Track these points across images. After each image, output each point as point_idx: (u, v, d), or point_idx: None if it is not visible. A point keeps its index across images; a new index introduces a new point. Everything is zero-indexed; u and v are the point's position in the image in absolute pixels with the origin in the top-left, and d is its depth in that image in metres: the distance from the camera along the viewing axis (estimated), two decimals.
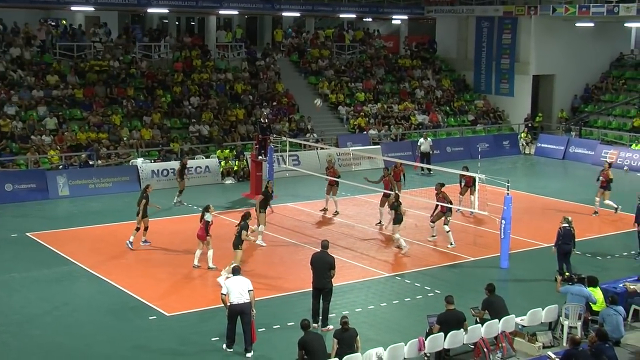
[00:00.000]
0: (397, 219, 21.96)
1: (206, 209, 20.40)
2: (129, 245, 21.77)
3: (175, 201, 27.19)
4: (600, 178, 26.16)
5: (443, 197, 22.50)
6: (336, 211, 26.21)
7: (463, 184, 26.19)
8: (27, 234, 23.36)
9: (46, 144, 30.47)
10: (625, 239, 23.24)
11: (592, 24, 41.84)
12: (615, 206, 25.99)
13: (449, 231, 22.38)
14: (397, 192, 23.18)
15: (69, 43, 36.63)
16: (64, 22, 41.52)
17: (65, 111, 32.76)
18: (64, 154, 30.20)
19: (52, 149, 30.33)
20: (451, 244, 22.31)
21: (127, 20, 44.92)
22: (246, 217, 19.33)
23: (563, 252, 19.61)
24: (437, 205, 22.90)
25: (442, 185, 22.91)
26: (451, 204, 22.63)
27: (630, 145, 37.50)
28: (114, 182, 29.52)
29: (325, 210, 26.47)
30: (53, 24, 40.57)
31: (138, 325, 16.52)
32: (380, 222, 24.58)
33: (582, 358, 13.23)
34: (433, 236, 23.03)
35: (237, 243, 18.79)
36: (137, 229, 22.02)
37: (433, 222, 22.94)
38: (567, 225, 19.72)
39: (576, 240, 20.02)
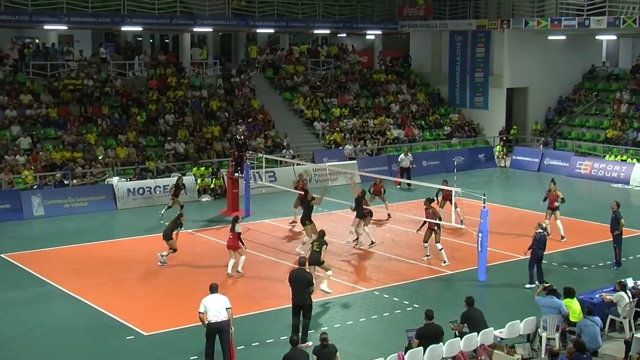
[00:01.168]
0: (359, 214, 22.35)
1: (235, 220, 21.17)
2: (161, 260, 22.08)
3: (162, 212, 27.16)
4: (547, 198, 24.79)
5: (433, 213, 22.08)
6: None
7: (441, 197, 26.19)
8: (2, 255, 23.11)
9: (20, 163, 30.21)
10: (600, 250, 23.38)
11: (564, 37, 42.29)
12: (563, 234, 24.55)
13: (441, 249, 22.13)
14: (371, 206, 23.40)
15: (42, 62, 36.45)
16: (37, 41, 41.33)
17: (39, 130, 32.54)
18: (39, 174, 29.97)
19: (26, 168, 30.08)
20: (445, 262, 22.05)
21: (101, 41, 44.75)
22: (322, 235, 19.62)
23: (537, 257, 19.92)
24: (424, 222, 22.54)
25: (432, 200, 22.72)
26: (440, 220, 22.28)
27: (604, 156, 37.84)
28: (90, 202, 29.33)
29: (294, 223, 26.53)
30: (28, 41, 40.36)
31: (115, 346, 16.37)
32: (357, 239, 24.40)
33: None
34: (427, 256, 22.59)
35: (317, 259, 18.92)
36: (174, 250, 22.20)
37: (425, 241, 22.43)
38: (541, 230, 20.06)
39: (554, 251, 20.17)
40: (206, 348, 15.01)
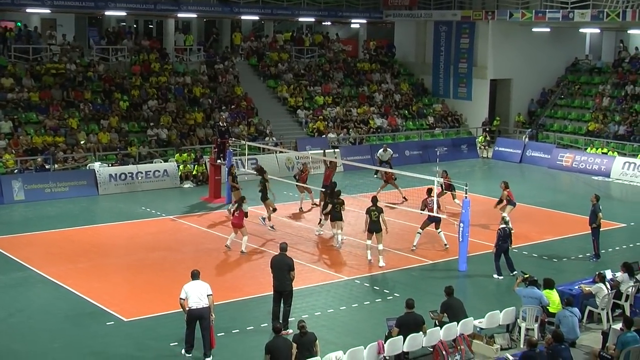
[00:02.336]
0: (334, 216, 22.43)
1: (242, 200, 22.22)
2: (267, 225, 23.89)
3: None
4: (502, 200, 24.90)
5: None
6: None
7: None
8: None
9: (1, 147, 30.00)
10: (580, 242, 23.54)
11: (548, 29, 42.43)
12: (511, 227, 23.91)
13: (440, 231, 22.51)
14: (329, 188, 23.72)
15: (25, 46, 36.14)
16: (19, 24, 40.95)
17: (21, 114, 32.30)
18: (20, 158, 29.77)
19: (7, 152, 29.88)
20: (446, 245, 22.50)
21: (84, 25, 44.37)
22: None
23: (501, 250, 20.23)
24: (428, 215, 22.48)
25: (431, 190, 22.54)
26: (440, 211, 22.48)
27: (586, 149, 38.07)
28: (71, 187, 29.18)
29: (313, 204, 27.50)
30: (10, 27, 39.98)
31: (95, 331, 16.34)
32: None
33: (539, 359, 13.39)
34: (414, 247, 22.65)
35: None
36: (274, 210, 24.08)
37: (422, 229, 22.56)
38: (504, 225, 20.25)
39: (534, 242, 20.27)
40: (186, 334, 15.01)
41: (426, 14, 43.99)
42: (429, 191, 22.53)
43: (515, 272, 19.73)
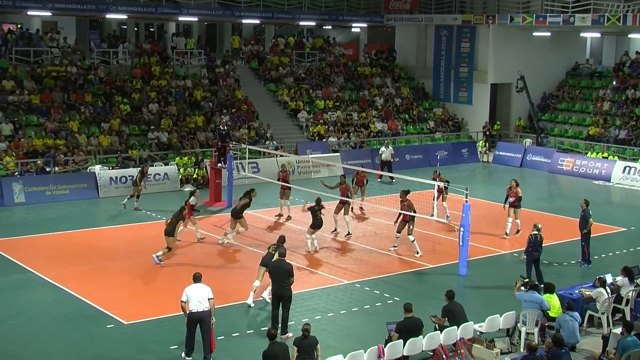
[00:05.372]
0: (315, 223, 22.31)
1: (192, 194, 23.51)
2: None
3: (135, 206, 27.08)
4: (510, 199, 24.44)
5: (408, 206, 22.04)
6: (289, 216, 26.47)
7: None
8: None
9: (1, 150, 30.03)
10: (580, 247, 23.48)
11: (548, 34, 42.44)
12: (519, 228, 24.63)
13: (414, 240, 22.21)
14: (356, 198, 23.27)
15: (26, 48, 36.19)
16: (19, 26, 41.01)
17: (22, 117, 32.33)
18: (20, 161, 29.79)
19: (7, 155, 29.89)
20: (418, 253, 22.16)
21: (86, 28, 44.48)
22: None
23: (533, 259, 19.90)
24: (400, 214, 22.57)
25: (407, 192, 22.55)
26: (415, 212, 22.21)
27: (586, 153, 38.07)
28: (71, 189, 29.19)
29: (280, 215, 26.70)
30: (12, 28, 40.06)
31: (95, 334, 16.33)
32: (335, 230, 24.52)
33: None
34: (394, 247, 22.79)
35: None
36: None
37: (398, 232, 22.51)
38: (536, 232, 19.96)
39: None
40: (186, 338, 15.01)
41: (427, 18, 44.03)
42: (405, 193, 22.39)
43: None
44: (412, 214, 22.12)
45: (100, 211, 28.17)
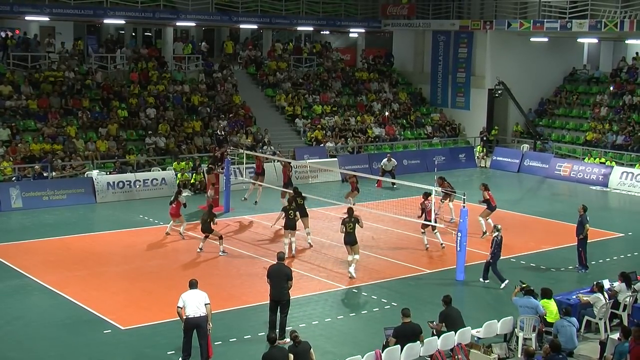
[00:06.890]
0: (288, 224, 22.18)
1: (179, 192, 24.42)
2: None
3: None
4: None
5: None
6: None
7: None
8: None
9: None
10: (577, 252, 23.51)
11: (546, 39, 42.49)
12: (485, 230, 24.88)
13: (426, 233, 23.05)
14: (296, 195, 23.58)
15: (23, 53, 36.17)
16: (17, 31, 40.99)
17: (19, 122, 32.31)
18: (17, 166, 29.77)
19: (5, 160, 29.87)
20: (442, 245, 23.10)
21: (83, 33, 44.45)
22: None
23: (497, 258, 20.35)
24: (422, 213, 22.99)
25: (429, 194, 22.72)
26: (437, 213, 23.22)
27: (584, 158, 38.09)
28: (69, 194, 29.16)
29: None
30: (10, 34, 40.05)
31: (92, 339, 16.29)
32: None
33: None
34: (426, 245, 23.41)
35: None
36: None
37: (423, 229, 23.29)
38: (497, 233, 20.28)
39: (531, 252, 20.33)
40: (183, 343, 14.98)
41: (424, 24, 44.07)
42: (426, 195, 22.71)
43: (506, 281, 20.03)
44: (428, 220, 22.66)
45: (97, 216, 28.17)
